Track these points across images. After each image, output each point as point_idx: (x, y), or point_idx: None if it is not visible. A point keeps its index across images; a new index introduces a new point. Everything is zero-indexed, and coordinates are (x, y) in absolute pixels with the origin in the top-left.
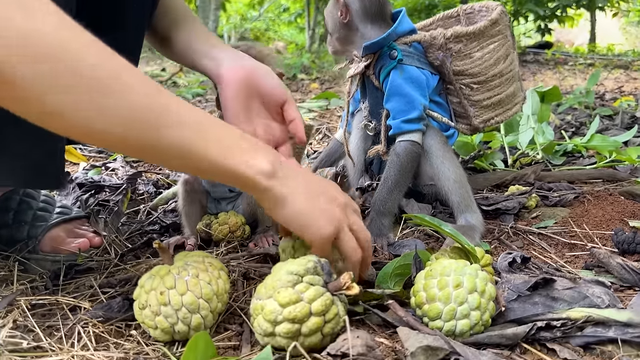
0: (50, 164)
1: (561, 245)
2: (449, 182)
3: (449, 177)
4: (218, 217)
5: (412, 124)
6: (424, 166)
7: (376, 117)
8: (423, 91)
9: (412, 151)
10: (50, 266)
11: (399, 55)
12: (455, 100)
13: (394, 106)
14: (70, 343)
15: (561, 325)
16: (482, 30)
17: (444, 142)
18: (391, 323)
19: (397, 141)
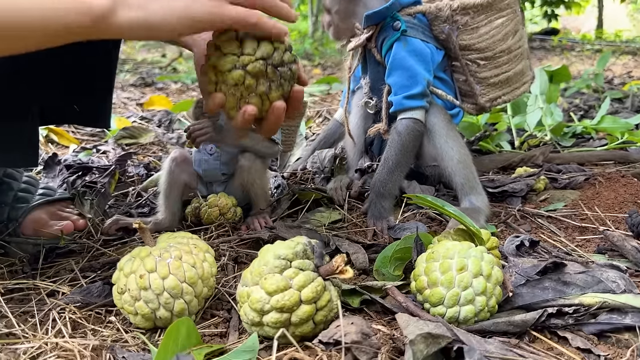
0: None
1: (571, 229)
2: (452, 163)
3: (453, 157)
4: (207, 199)
5: (414, 100)
6: (427, 146)
7: (377, 94)
8: (427, 65)
9: (414, 129)
10: (31, 249)
11: (402, 26)
12: (461, 78)
13: (396, 81)
14: (45, 329)
15: (573, 311)
16: (491, 3)
17: (448, 120)
18: (390, 309)
19: (398, 119)
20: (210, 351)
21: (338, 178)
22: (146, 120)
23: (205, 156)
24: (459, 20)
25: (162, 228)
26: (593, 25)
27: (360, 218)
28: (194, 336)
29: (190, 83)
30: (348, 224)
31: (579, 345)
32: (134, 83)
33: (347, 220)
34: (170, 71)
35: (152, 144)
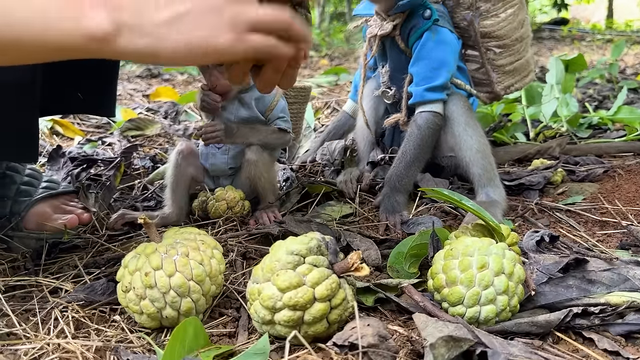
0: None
1: (591, 223)
2: (470, 152)
3: (472, 146)
4: (215, 192)
5: (435, 92)
6: (445, 135)
7: (396, 83)
8: (455, 55)
9: (433, 123)
10: (34, 244)
11: (434, 15)
12: (474, 66)
13: (419, 71)
14: (47, 329)
15: (599, 311)
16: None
17: (467, 108)
18: (406, 308)
19: (417, 111)
20: (218, 353)
21: (348, 171)
22: (152, 111)
23: (212, 150)
24: (482, 6)
25: (169, 222)
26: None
27: (372, 212)
28: (202, 337)
29: (196, 74)
30: (359, 218)
31: (606, 347)
32: (140, 74)
33: (359, 214)
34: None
35: (158, 136)
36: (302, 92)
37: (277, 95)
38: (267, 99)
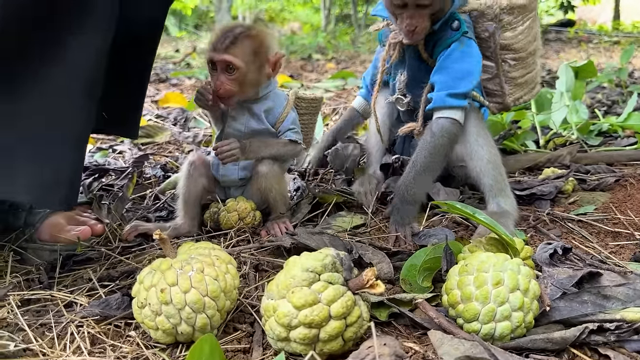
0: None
1: (603, 234)
2: (482, 163)
3: (483, 156)
4: (226, 204)
5: (457, 99)
6: (457, 145)
7: (412, 92)
8: (480, 67)
9: (450, 131)
10: (48, 256)
11: (462, 26)
12: (486, 77)
13: (442, 79)
14: (63, 345)
15: (615, 327)
16: (529, 3)
17: (480, 119)
18: (420, 324)
19: (435, 117)
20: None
21: (364, 180)
22: (162, 118)
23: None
24: (504, 19)
25: (182, 233)
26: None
27: (384, 222)
28: (218, 354)
29: (204, 79)
30: (371, 228)
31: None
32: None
33: (370, 224)
34: (184, 67)
35: (168, 143)
36: (313, 103)
37: (287, 106)
38: (277, 110)
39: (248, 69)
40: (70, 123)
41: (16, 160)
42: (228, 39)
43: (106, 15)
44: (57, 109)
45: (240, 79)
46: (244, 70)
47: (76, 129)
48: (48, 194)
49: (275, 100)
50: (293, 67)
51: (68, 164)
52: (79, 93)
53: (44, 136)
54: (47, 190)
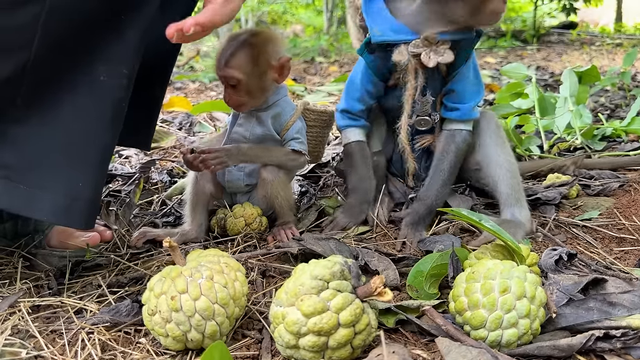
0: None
1: (608, 239)
2: (500, 170)
3: (502, 164)
4: (233, 209)
5: (476, 111)
6: (474, 151)
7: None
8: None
9: (469, 142)
10: (57, 262)
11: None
12: None
13: (467, 88)
14: (74, 352)
15: (621, 334)
16: None
17: (500, 126)
18: (427, 331)
19: (455, 129)
20: None
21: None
22: (167, 122)
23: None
24: None
25: (190, 239)
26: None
27: (389, 228)
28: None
29: (208, 82)
30: (376, 234)
31: None
32: None
33: (375, 230)
34: (187, 70)
35: (173, 148)
36: (322, 115)
37: (294, 115)
38: (284, 118)
39: (249, 79)
40: (94, 145)
41: (40, 180)
42: (227, 52)
43: (136, 45)
44: (82, 133)
45: (246, 90)
46: (245, 82)
47: (100, 151)
48: (69, 214)
49: (283, 108)
50: (296, 70)
51: (90, 184)
52: (106, 118)
53: (66, 159)
54: (68, 211)
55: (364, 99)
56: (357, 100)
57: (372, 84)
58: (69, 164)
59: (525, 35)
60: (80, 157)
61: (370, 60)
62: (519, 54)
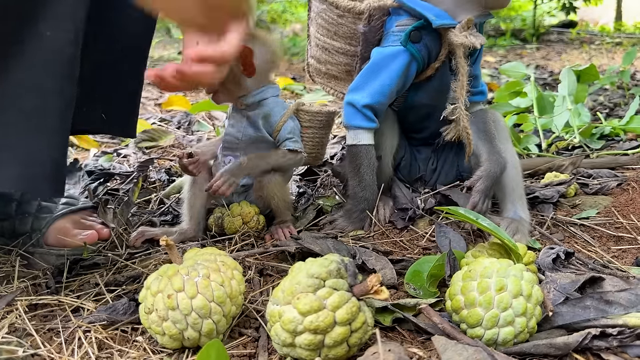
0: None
1: (606, 238)
2: (507, 165)
3: (509, 158)
4: (230, 208)
5: None
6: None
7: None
8: None
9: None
10: (54, 261)
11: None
12: None
13: (480, 71)
14: (71, 350)
15: (617, 333)
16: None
17: (504, 123)
18: (424, 329)
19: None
20: None
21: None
22: (165, 121)
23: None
24: None
25: (187, 238)
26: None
27: (386, 226)
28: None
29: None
30: (374, 233)
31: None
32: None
33: (373, 229)
34: None
35: (172, 147)
36: (317, 116)
37: (285, 115)
38: (274, 119)
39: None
40: (50, 107)
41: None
42: None
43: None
44: (35, 94)
45: (217, 88)
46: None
47: (57, 113)
48: (32, 182)
49: (272, 108)
50: (295, 70)
51: (51, 148)
52: (58, 75)
53: (22, 123)
54: (30, 179)
55: (392, 95)
56: (386, 96)
57: (405, 79)
58: (24, 128)
59: (524, 34)
60: (36, 120)
61: (416, 50)
62: (519, 52)
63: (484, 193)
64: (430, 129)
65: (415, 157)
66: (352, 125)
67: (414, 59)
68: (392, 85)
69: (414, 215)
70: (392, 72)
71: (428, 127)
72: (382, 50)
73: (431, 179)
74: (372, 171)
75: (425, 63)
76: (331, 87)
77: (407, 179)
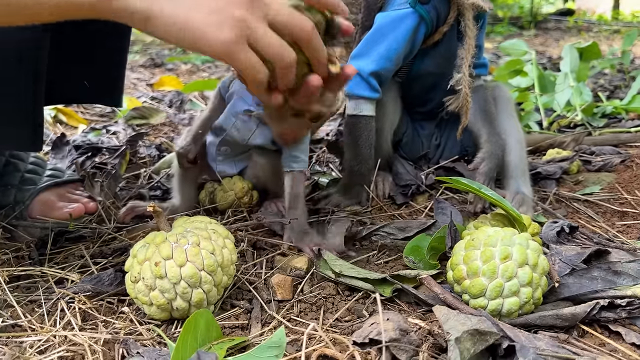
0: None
1: (610, 214)
2: (510, 139)
3: (512, 133)
4: (222, 183)
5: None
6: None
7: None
8: None
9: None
10: (38, 233)
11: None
12: None
13: (483, 43)
14: (53, 321)
15: (627, 304)
16: None
17: (510, 97)
18: (424, 301)
19: (481, 84)
20: (232, 345)
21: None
22: (157, 100)
23: (219, 156)
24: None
25: (178, 213)
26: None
27: (384, 201)
28: (214, 329)
29: (200, 64)
30: (372, 208)
31: (634, 341)
32: (144, 64)
33: (372, 204)
34: (179, 52)
35: (163, 125)
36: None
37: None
38: None
39: None
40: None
41: None
42: None
43: None
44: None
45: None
46: None
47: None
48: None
49: None
50: None
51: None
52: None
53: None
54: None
55: (399, 61)
56: (393, 62)
57: (413, 43)
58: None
59: (522, 22)
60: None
61: (425, 12)
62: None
63: (488, 175)
64: (435, 100)
65: (417, 132)
66: (355, 94)
67: (423, 20)
68: (400, 49)
69: (417, 191)
70: (400, 35)
71: (433, 99)
72: (387, 14)
73: (434, 155)
74: (371, 145)
75: (433, 26)
76: None
77: (409, 157)
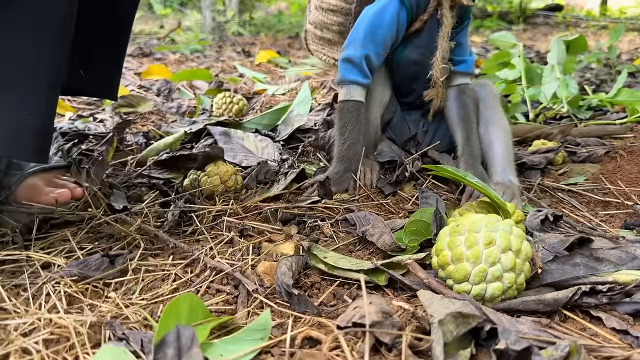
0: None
1: (593, 203)
2: (497, 130)
3: (499, 124)
4: (206, 169)
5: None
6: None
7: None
8: None
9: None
10: (24, 219)
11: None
12: None
13: (468, 42)
14: (38, 304)
15: (607, 290)
16: None
17: (497, 93)
18: (409, 286)
19: (462, 83)
20: (216, 325)
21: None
22: (145, 89)
23: None
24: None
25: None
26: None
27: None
28: (201, 311)
29: (189, 53)
30: (360, 196)
31: (614, 326)
32: (132, 53)
33: (359, 192)
34: (168, 42)
35: (150, 113)
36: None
37: None
38: None
39: None
40: (40, 69)
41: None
42: None
43: None
44: (24, 55)
45: None
46: None
47: (46, 76)
48: (16, 145)
49: None
50: (280, 45)
51: (38, 112)
52: (50, 37)
53: (10, 85)
54: (14, 142)
55: (387, 45)
56: (381, 46)
57: (397, 28)
58: (10, 89)
59: (511, 17)
60: (24, 82)
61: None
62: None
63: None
64: (416, 92)
65: (405, 118)
66: (347, 79)
67: (403, 5)
68: (387, 34)
69: (402, 177)
70: (385, 20)
71: (415, 90)
72: (371, 6)
73: (424, 140)
74: (360, 131)
75: (414, 13)
76: (324, 54)
77: (398, 140)
